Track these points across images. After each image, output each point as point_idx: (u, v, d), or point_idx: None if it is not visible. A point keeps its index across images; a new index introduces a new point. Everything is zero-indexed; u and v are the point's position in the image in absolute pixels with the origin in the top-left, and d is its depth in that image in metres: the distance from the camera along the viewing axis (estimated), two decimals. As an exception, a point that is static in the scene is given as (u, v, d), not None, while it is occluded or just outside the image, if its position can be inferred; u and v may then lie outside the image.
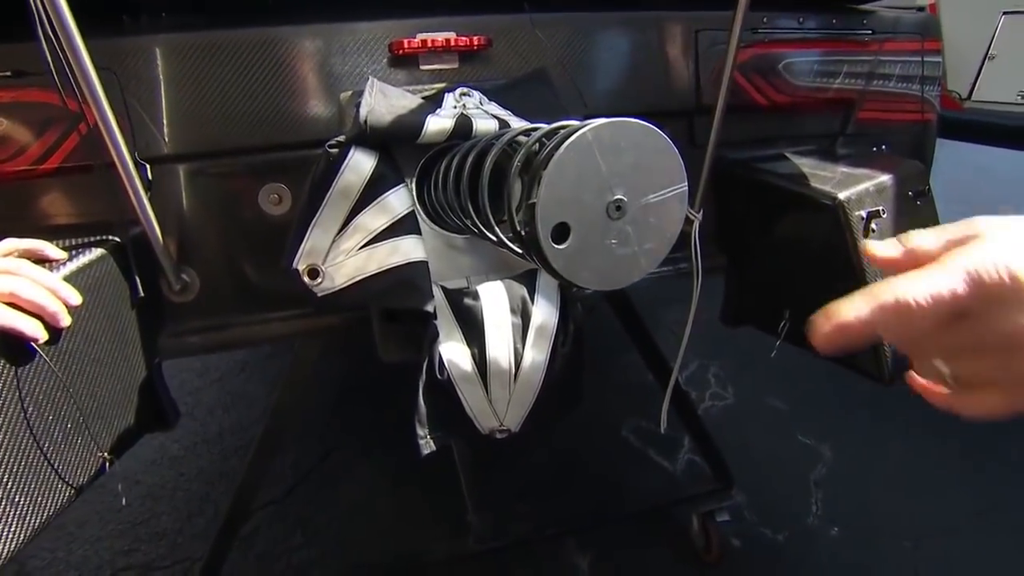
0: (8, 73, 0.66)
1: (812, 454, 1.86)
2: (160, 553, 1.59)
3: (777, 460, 1.84)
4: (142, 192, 0.67)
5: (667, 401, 1.00)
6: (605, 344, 2.32)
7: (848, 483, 1.74)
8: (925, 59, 1.01)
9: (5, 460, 0.56)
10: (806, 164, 0.90)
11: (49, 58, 0.58)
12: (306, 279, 0.65)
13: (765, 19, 0.90)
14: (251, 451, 1.07)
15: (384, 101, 0.64)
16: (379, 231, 0.63)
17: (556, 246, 0.41)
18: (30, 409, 0.58)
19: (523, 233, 0.41)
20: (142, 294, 0.73)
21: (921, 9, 4.35)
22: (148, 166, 0.75)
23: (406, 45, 0.72)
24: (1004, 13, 3.86)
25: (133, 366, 0.73)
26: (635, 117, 0.49)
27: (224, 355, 2.35)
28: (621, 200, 0.42)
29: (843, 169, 0.88)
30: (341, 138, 0.63)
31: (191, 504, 1.74)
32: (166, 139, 0.74)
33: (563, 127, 0.41)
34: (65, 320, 0.60)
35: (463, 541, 1.41)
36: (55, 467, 0.62)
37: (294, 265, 0.64)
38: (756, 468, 1.77)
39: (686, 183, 0.44)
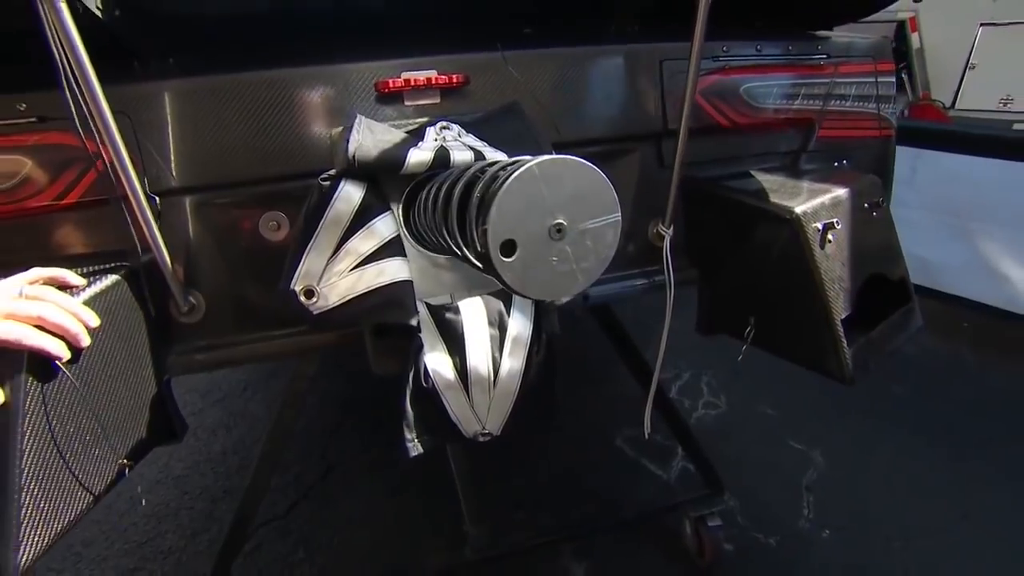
0: (33, 119, 0.73)
1: (803, 459, 1.90)
2: (166, 571, 1.63)
3: (769, 466, 1.88)
4: (153, 222, 0.75)
5: (649, 404, 1.06)
6: (597, 357, 2.38)
7: (839, 487, 1.78)
8: (879, 79, 1.09)
9: (32, 469, 0.63)
10: (768, 181, 0.97)
11: (72, 104, 0.66)
12: (303, 299, 0.72)
13: (725, 48, 0.98)
14: (253, 465, 1.12)
15: (370, 136, 0.71)
16: (368, 254, 0.70)
17: (504, 259, 0.48)
18: (54, 422, 0.65)
19: (479, 247, 0.48)
20: (153, 315, 0.80)
21: (901, 26, 4.45)
22: (158, 198, 0.82)
23: (391, 84, 0.80)
24: (981, 24, 3.99)
25: (145, 383, 0.80)
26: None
27: (226, 376, 2.41)
28: (561, 224, 0.49)
29: (802, 184, 0.95)
30: (332, 172, 0.70)
31: (196, 522, 1.78)
32: (174, 173, 0.82)
33: (518, 161, 0.48)
34: (85, 341, 0.66)
35: (461, 551, 1.45)
36: (76, 475, 0.68)
37: (292, 286, 0.71)
38: (749, 474, 1.81)
39: (619, 214, 0.51)
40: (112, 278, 0.74)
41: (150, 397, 0.80)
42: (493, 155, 0.71)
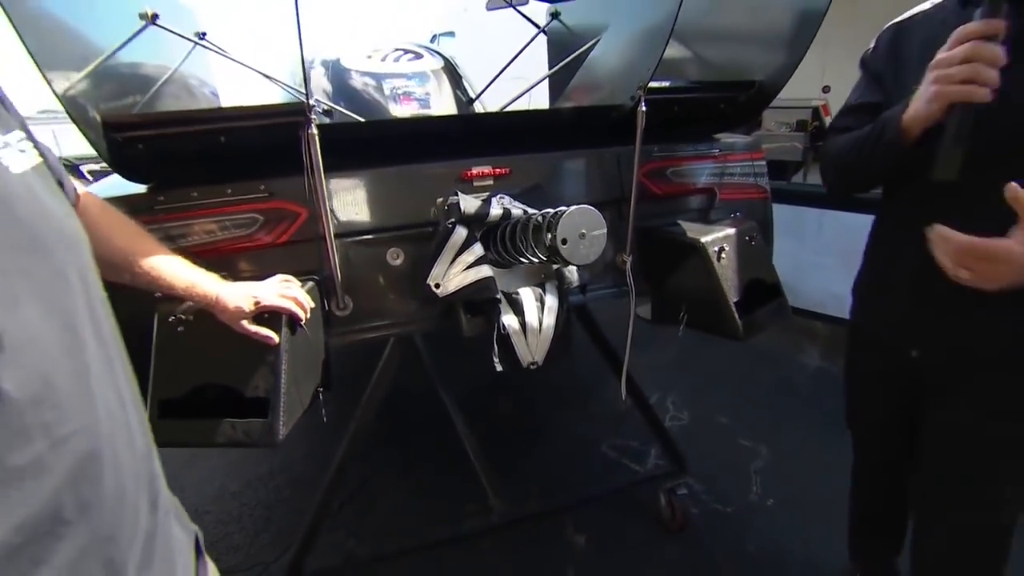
0: (267, 194, 1.35)
1: (752, 452, 2.50)
2: (238, 561, 2.05)
3: (725, 458, 2.47)
4: (335, 252, 1.36)
5: (624, 378, 1.67)
6: (583, 383, 2.98)
7: (780, 470, 2.38)
8: (754, 163, 1.83)
9: (285, 380, 1.18)
10: (688, 226, 1.65)
11: (308, 185, 1.29)
12: (432, 288, 1.34)
13: (656, 148, 1.70)
14: (351, 429, 1.66)
15: (467, 202, 1.36)
16: (470, 263, 1.33)
17: (563, 247, 1.12)
18: (295, 356, 1.21)
19: (549, 248, 1.12)
20: (325, 309, 1.39)
21: (815, 111, 5.56)
22: (324, 240, 1.43)
23: (468, 173, 1.46)
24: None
25: (320, 349, 1.37)
26: (588, 203, 1.22)
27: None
28: (584, 232, 1.14)
29: (708, 227, 1.64)
30: (452, 220, 1.35)
31: (257, 525, 2.22)
32: (335, 224, 1.43)
33: (562, 209, 1.14)
34: (309, 315, 1.25)
35: (488, 517, 1.95)
36: (300, 389, 1.23)
37: (427, 282, 1.34)
38: (709, 465, 2.39)
39: (605, 228, 1.16)
40: (310, 284, 1.34)
41: (322, 359, 1.37)
42: (532, 212, 1.37)
